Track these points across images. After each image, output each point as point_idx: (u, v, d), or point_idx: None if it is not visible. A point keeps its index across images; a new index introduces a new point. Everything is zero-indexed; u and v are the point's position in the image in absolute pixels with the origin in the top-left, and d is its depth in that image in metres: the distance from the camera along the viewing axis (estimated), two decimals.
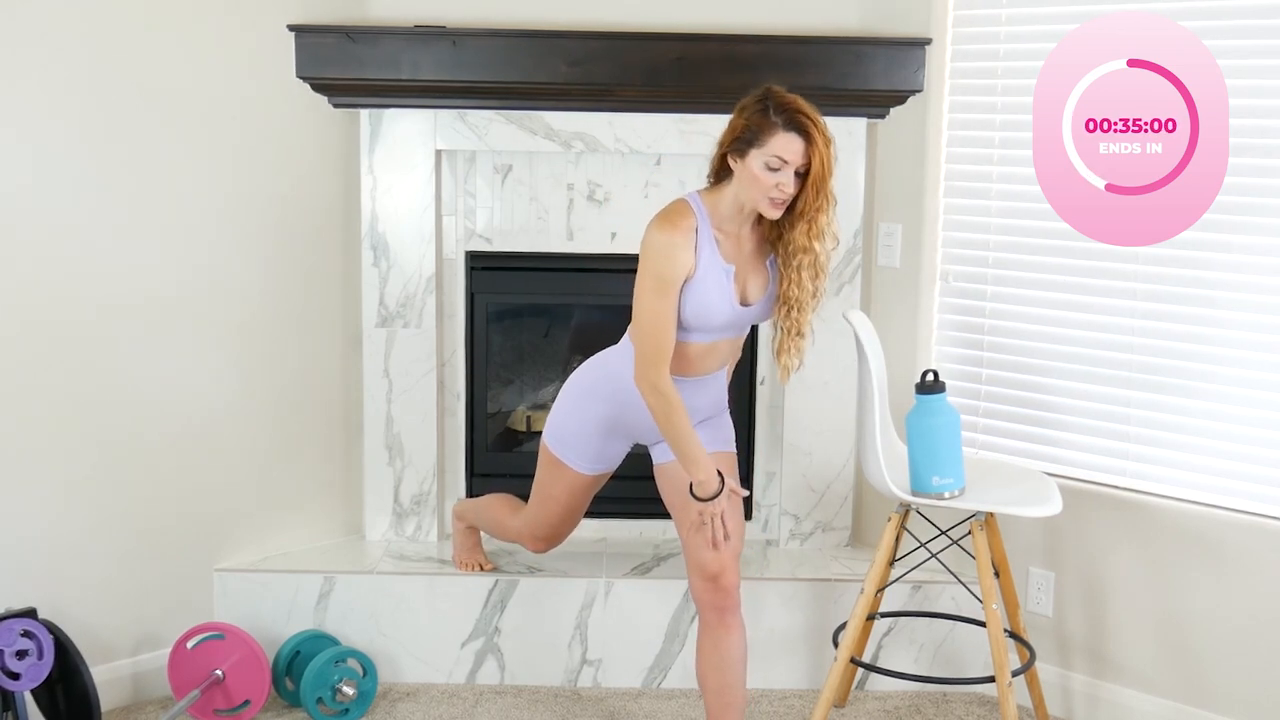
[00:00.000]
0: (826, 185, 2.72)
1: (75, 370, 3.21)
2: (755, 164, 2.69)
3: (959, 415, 3.03)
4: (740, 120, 2.73)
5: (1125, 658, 3.29)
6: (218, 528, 3.51)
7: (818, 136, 2.67)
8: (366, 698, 3.34)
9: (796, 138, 2.67)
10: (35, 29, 3.07)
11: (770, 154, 2.68)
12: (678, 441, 2.80)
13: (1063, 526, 3.33)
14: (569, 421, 3.11)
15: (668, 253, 2.74)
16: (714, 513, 2.82)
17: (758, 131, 2.69)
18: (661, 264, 2.74)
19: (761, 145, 2.68)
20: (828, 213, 2.75)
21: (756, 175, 2.70)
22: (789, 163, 2.68)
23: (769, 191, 2.70)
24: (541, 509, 3.23)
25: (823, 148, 2.68)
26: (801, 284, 2.80)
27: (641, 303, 2.77)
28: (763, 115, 2.69)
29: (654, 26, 3.56)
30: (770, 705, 3.44)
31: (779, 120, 2.67)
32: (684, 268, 2.76)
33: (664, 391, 2.77)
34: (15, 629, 2.93)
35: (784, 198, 2.71)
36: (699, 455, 2.79)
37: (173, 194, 3.33)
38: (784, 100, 2.70)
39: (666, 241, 2.74)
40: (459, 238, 3.73)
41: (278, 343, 3.57)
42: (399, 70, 3.49)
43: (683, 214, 2.78)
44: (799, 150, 2.67)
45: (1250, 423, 3.07)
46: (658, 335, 2.76)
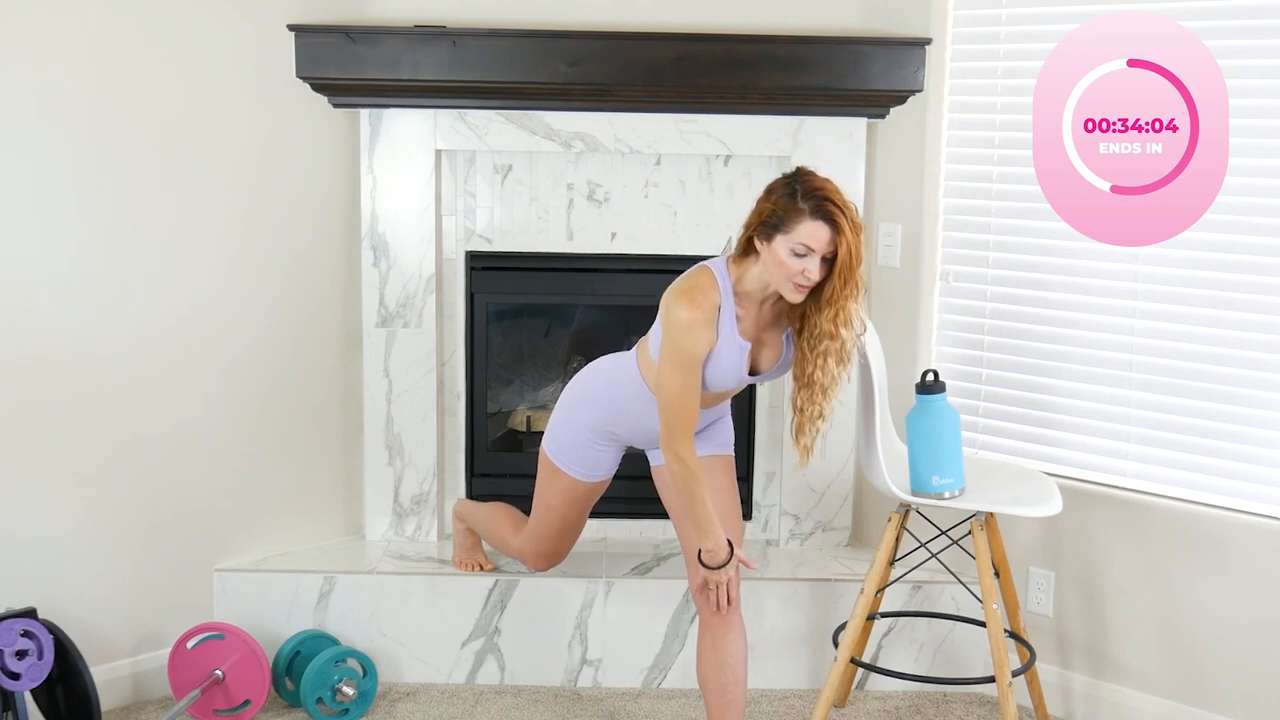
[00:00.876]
0: (855, 273, 2.69)
1: (75, 370, 3.21)
2: (781, 249, 2.68)
3: (959, 415, 3.03)
4: (768, 204, 2.71)
5: (1125, 658, 3.29)
6: (218, 528, 3.51)
7: (845, 225, 2.64)
8: (366, 698, 3.34)
9: (824, 226, 2.65)
10: (35, 28, 3.07)
11: (796, 241, 2.66)
12: (693, 509, 2.82)
13: (1063, 526, 3.33)
14: (568, 429, 3.12)
15: (693, 332, 2.74)
16: (720, 581, 2.85)
17: (784, 217, 2.67)
18: (687, 343, 2.75)
19: (788, 231, 2.67)
20: (856, 299, 2.73)
21: (782, 260, 2.68)
22: (815, 250, 2.66)
23: (794, 277, 2.69)
24: (541, 521, 3.24)
25: (850, 236, 2.65)
26: (827, 369, 2.79)
27: (666, 376, 2.78)
28: (790, 201, 2.67)
29: (654, 26, 3.56)
30: (770, 705, 3.44)
31: (806, 207, 2.65)
32: (707, 345, 2.77)
33: (688, 463, 2.79)
34: (15, 629, 2.93)
35: (808, 284, 2.70)
36: (711, 524, 2.82)
37: (172, 194, 3.33)
38: (812, 185, 2.68)
39: (691, 320, 2.74)
40: (459, 238, 3.73)
41: (277, 342, 3.57)
42: (399, 70, 3.49)
43: (707, 291, 2.77)
44: (826, 238, 2.65)
45: (1250, 423, 3.07)
46: (685, 409, 2.78)
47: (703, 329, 2.74)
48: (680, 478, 2.80)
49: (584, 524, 3.28)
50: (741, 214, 3.66)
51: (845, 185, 3.59)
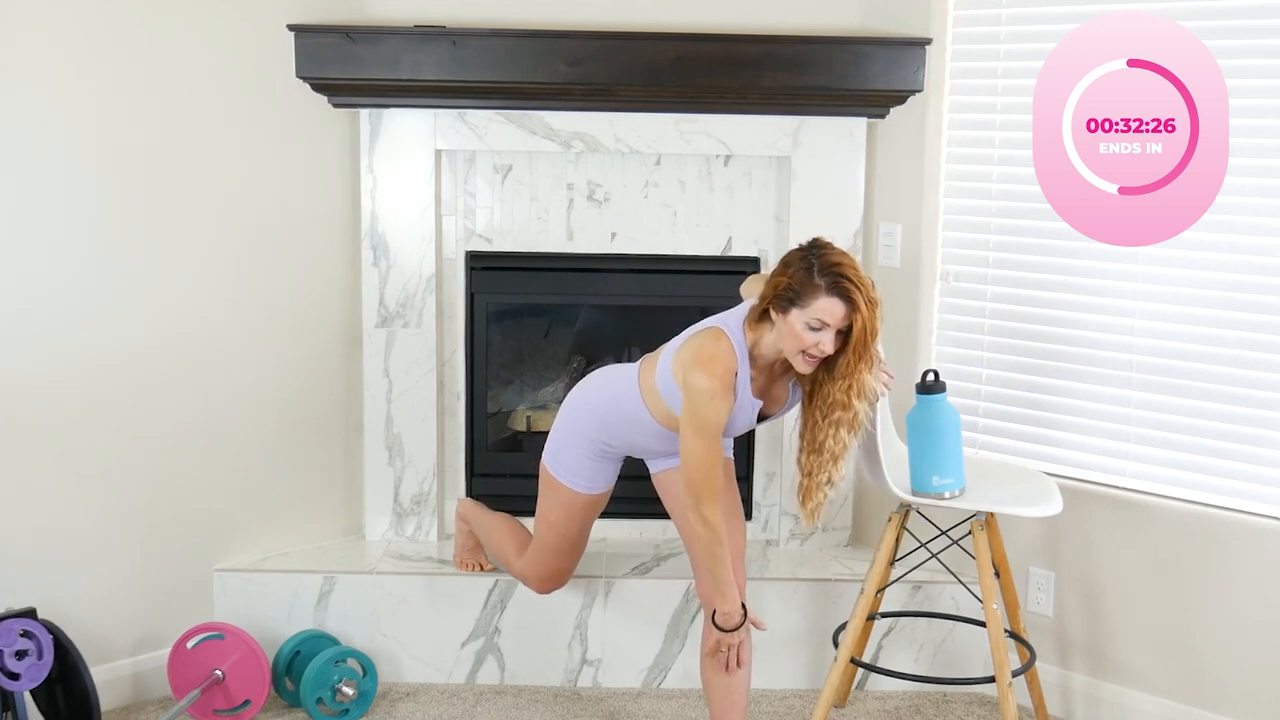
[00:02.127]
0: (869, 348, 2.71)
1: (74, 370, 3.21)
2: (796, 322, 2.69)
3: (959, 415, 3.04)
4: (784, 278, 2.72)
5: (1125, 658, 3.29)
6: (218, 528, 3.51)
7: (861, 301, 2.66)
8: (366, 698, 3.34)
9: (840, 302, 2.67)
10: (34, 27, 3.07)
11: (812, 316, 2.68)
12: (713, 571, 2.84)
13: (1063, 526, 3.33)
14: (567, 442, 3.12)
15: (715, 402, 2.76)
16: (732, 644, 2.89)
17: (801, 292, 2.68)
18: (709, 413, 2.77)
19: (804, 306, 2.68)
20: (871, 372, 2.75)
21: (797, 333, 2.70)
22: (830, 325, 2.68)
23: (808, 349, 2.71)
24: (543, 538, 3.23)
25: (866, 311, 2.67)
26: (839, 439, 2.79)
27: (690, 444, 2.79)
28: (807, 276, 2.68)
29: (654, 26, 3.56)
30: (770, 705, 3.44)
31: (823, 283, 2.66)
32: (728, 411, 2.79)
33: (714, 526, 2.81)
34: (15, 629, 2.93)
35: (821, 355, 2.72)
36: (730, 588, 2.84)
37: (172, 193, 3.33)
38: (829, 261, 2.69)
39: (712, 390, 2.76)
40: (459, 238, 3.73)
41: (277, 342, 3.57)
42: (399, 70, 3.49)
43: (725, 360, 2.78)
44: (841, 314, 2.67)
45: (1250, 422, 3.07)
46: (709, 476, 2.80)
47: (723, 398, 2.77)
48: (705, 541, 2.83)
49: (586, 542, 3.28)
50: (742, 214, 3.70)
51: (845, 185, 3.65)
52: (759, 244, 3.72)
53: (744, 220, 3.72)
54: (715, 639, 2.91)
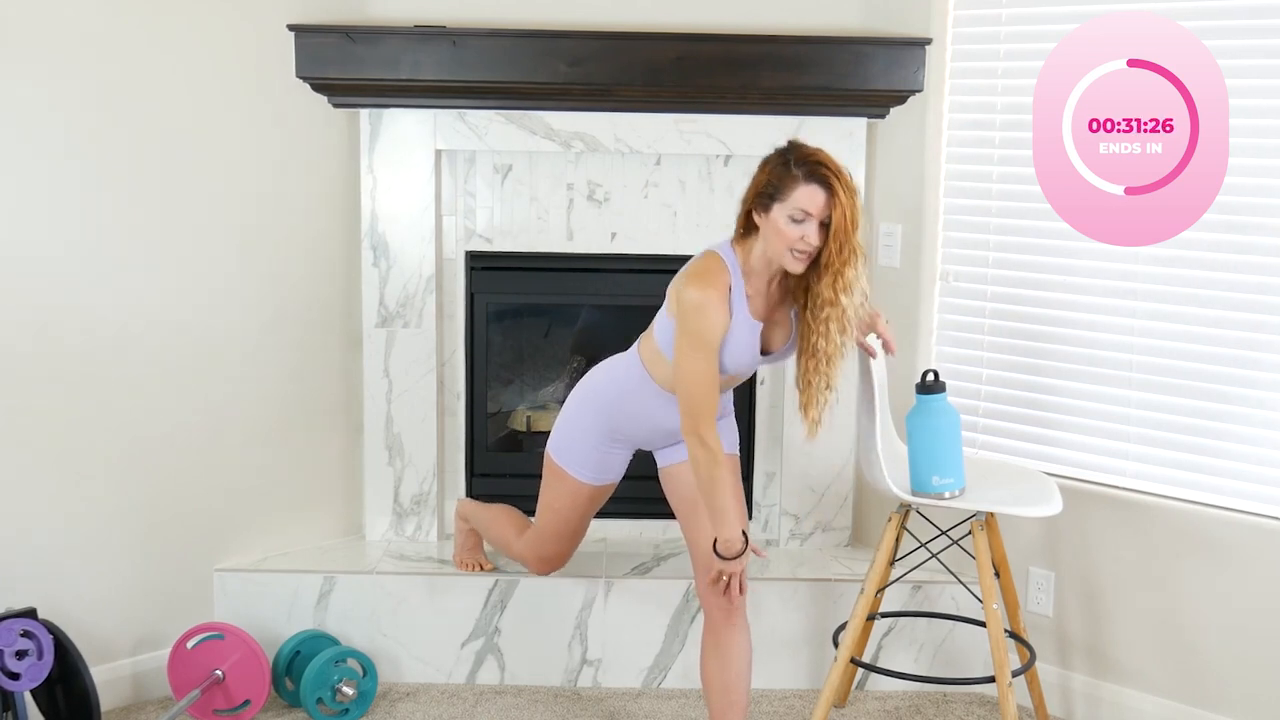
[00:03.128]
0: (851, 238, 2.70)
1: (74, 370, 3.21)
2: (779, 218, 2.70)
3: (959, 415, 3.03)
4: (763, 175, 2.74)
5: (1125, 658, 3.29)
6: (218, 528, 3.51)
7: (840, 188, 2.66)
8: (366, 698, 3.34)
9: (819, 189, 2.67)
10: (33, 27, 3.07)
11: (793, 207, 2.68)
12: (713, 495, 2.81)
13: (1063, 526, 3.33)
14: (572, 430, 3.11)
15: (708, 313, 2.75)
16: (734, 571, 2.85)
17: (779, 185, 2.70)
18: (703, 326, 2.76)
19: (784, 199, 2.69)
20: (855, 266, 2.73)
21: (781, 229, 2.70)
22: (812, 215, 2.68)
23: (793, 244, 2.71)
24: (544, 523, 3.23)
25: (845, 199, 2.67)
26: (829, 337, 2.78)
27: (684, 361, 2.78)
28: (784, 169, 2.70)
29: (654, 26, 3.56)
30: (770, 705, 3.44)
31: (800, 173, 2.68)
32: (722, 326, 2.78)
33: (711, 445, 2.79)
34: (15, 629, 2.93)
35: (808, 250, 2.71)
36: (729, 513, 2.81)
37: (172, 193, 3.33)
38: (805, 153, 2.71)
39: (704, 301, 2.75)
40: (459, 238, 3.73)
41: (278, 342, 3.57)
42: (399, 70, 3.49)
43: (718, 272, 2.78)
44: (821, 202, 2.68)
45: (1250, 423, 3.07)
46: (706, 393, 2.78)
47: (717, 310, 2.76)
48: (704, 463, 2.79)
49: (587, 528, 3.27)
50: None
51: None
52: None
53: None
54: (716, 568, 2.85)
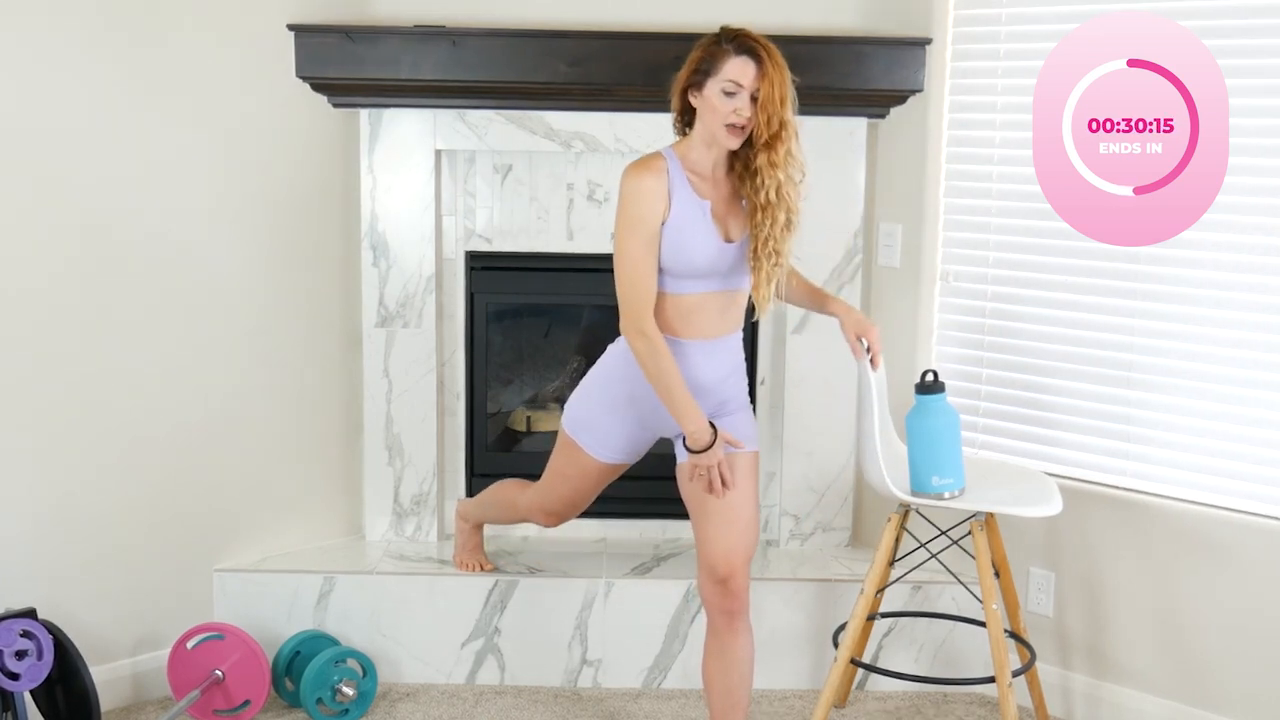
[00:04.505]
0: (781, 110, 2.73)
1: (75, 370, 3.21)
2: (712, 94, 2.74)
3: (959, 415, 3.03)
4: (696, 54, 2.79)
5: (1125, 658, 3.29)
6: (218, 528, 3.51)
7: (768, 60, 2.72)
8: (366, 698, 3.34)
9: (749, 60, 2.72)
10: (33, 27, 3.07)
11: (724, 79, 2.72)
12: (666, 390, 2.78)
13: (1063, 526, 3.33)
14: (587, 406, 3.08)
15: (640, 194, 2.76)
16: (708, 464, 2.80)
17: (711, 61, 2.75)
18: (636, 206, 2.76)
19: (716, 73, 2.74)
20: (787, 142, 2.75)
21: (714, 105, 2.74)
22: (744, 86, 2.72)
23: (727, 118, 2.73)
24: (553, 486, 3.20)
25: (773, 71, 2.72)
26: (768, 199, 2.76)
27: (620, 249, 2.78)
28: (715, 45, 2.76)
29: (654, 26, 3.56)
30: (770, 705, 3.44)
31: (730, 47, 2.74)
32: (658, 208, 2.77)
33: (649, 335, 2.77)
34: (15, 629, 2.93)
35: (741, 123, 2.74)
36: (688, 405, 2.78)
37: (172, 193, 3.33)
38: (736, 30, 2.77)
39: (638, 183, 2.77)
40: (459, 238, 3.73)
41: (277, 343, 3.57)
42: (399, 70, 3.49)
43: (653, 159, 2.82)
44: (751, 74, 2.72)
45: (1250, 423, 3.07)
46: (637, 278, 2.77)
47: (651, 190, 2.76)
48: (645, 354, 2.78)
49: (596, 494, 3.22)
50: None
51: (845, 185, 3.65)
52: None
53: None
54: (690, 463, 2.82)
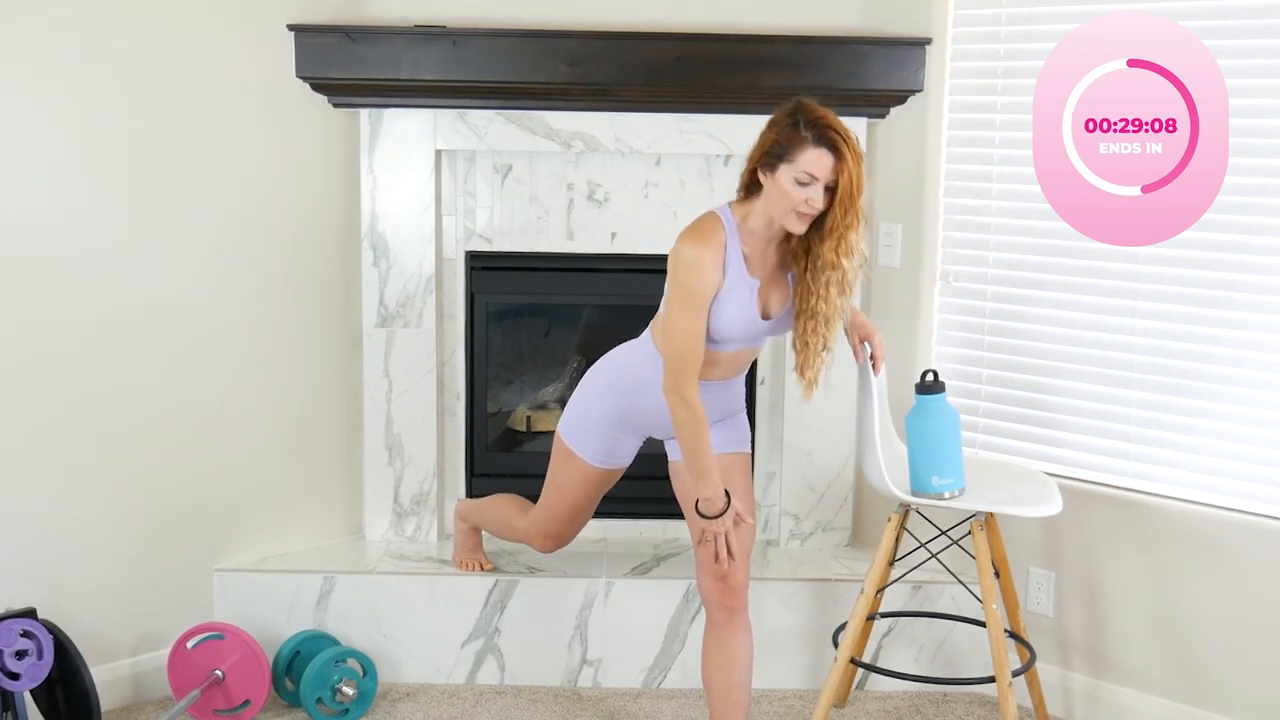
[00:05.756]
0: (856, 202, 2.69)
1: (75, 370, 3.21)
2: (785, 179, 2.68)
3: (959, 415, 3.03)
4: (770, 135, 2.72)
5: (1125, 658, 3.29)
6: (218, 528, 3.51)
7: (848, 152, 2.65)
8: (366, 698, 3.34)
9: (826, 153, 2.66)
10: (34, 27, 3.07)
11: (800, 169, 2.67)
12: (694, 455, 2.81)
13: (1063, 526, 3.33)
14: (583, 413, 3.10)
15: (699, 269, 2.74)
16: (717, 531, 2.84)
17: (787, 146, 2.68)
18: (693, 280, 2.75)
19: (791, 160, 2.67)
20: (857, 230, 2.73)
21: (786, 190, 2.69)
22: (818, 178, 2.67)
23: (797, 206, 2.69)
24: (551, 503, 3.22)
25: (852, 164, 2.66)
26: (829, 299, 2.78)
27: (673, 317, 2.78)
28: (793, 130, 2.68)
29: (654, 26, 3.56)
30: (770, 705, 3.44)
31: (809, 135, 2.66)
32: (714, 283, 2.76)
33: (692, 404, 2.78)
34: (15, 629, 2.93)
35: (812, 213, 2.70)
36: (711, 473, 2.80)
37: (172, 194, 3.33)
38: (814, 115, 2.68)
39: (698, 257, 2.74)
40: (459, 238, 3.73)
41: (277, 343, 3.57)
42: (399, 70, 3.49)
43: (713, 229, 2.78)
44: (828, 166, 2.66)
45: (1250, 423, 3.07)
46: (689, 349, 2.77)
47: (709, 265, 2.75)
48: (685, 421, 2.79)
49: (593, 511, 3.25)
50: None
51: None
52: None
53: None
54: (699, 527, 2.86)
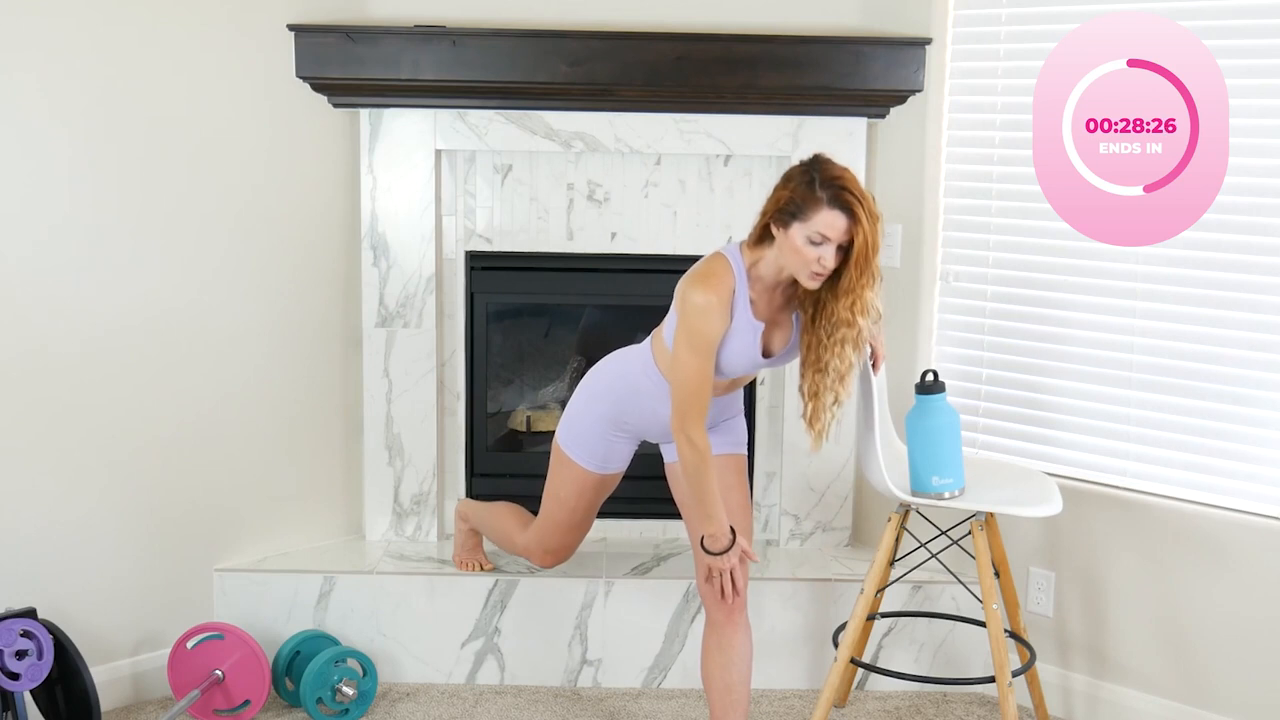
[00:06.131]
0: (872, 263, 2.70)
1: (75, 370, 3.21)
2: (798, 237, 2.69)
3: (959, 415, 3.04)
4: (785, 191, 2.71)
5: (1125, 658, 3.29)
6: (218, 528, 3.51)
7: (863, 214, 2.65)
8: (366, 698, 3.34)
9: (841, 215, 2.66)
10: (34, 26, 3.07)
11: (813, 229, 2.67)
12: (700, 493, 2.83)
13: (1063, 526, 3.33)
14: (580, 419, 3.11)
15: (707, 315, 2.76)
16: (722, 568, 2.86)
17: (802, 205, 2.67)
18: (701, 325, 2.76)
19: (805, 220, 2.67)
20: (874, 288, 2.74)
21: (798, 248, 2.69)
22: (831, 239, 2.67)
23: (810, 265, 2.70)
24: (550, 513, 3.23)
25: (868, 225, 2.66)
26: (844, 356, 2.79)
27: (680, 359, 2.79)
28: (808, 189, 2.67)
29: (654, 26, 3.56)
30: (770, 705, 3.44)
31: (824, 196, 2.66)
32: (721, 328, 2.78)
33: (699, 446, 2.80)
34: (15, 629, 2.92)
35: (825, 271, 2.71)
36: (717, 510, 2.83)
37: (171, 193, 3.33)
38: (830, 174, 2.68)
39: (706, 304, 2.76)
40: (459, 238, 3.73)
41: (278, 343, 3.57)
42: (399, 70, 3.49)
43: (723, 275, 2.78)
44: (843, 227, 2.66)
45: (1250, 423, 3.07)
46: (697, 391, 2.79)
47: (718, 312, 2.76)
48: (690, 462, 2.81)
49: (592, 520, 3.27)
50: (742, 214, 3.70)
51: None
52: None
53: (744, 220, 3.69)
54: (705, 563, 2.87)
